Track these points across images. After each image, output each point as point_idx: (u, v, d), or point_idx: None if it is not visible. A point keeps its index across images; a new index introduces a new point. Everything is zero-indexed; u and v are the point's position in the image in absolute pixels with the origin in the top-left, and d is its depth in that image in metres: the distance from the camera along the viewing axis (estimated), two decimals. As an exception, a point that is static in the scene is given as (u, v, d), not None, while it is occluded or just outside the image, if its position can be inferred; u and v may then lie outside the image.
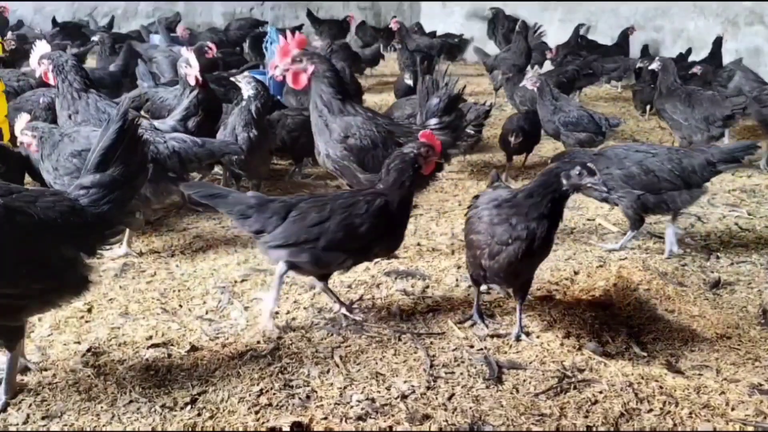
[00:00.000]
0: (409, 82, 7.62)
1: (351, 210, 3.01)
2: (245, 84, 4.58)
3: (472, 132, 5.47)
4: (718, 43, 8.76)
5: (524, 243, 2.79)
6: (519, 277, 3.02)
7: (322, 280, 3.20)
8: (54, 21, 11.94)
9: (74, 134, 3.86)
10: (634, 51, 10.80)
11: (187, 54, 4.84)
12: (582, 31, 11.23)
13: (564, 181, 2.79)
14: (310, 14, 13.65)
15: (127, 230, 3.81)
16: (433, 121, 4.03)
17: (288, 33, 3.81)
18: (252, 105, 4.49)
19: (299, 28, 12.92)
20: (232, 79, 4.80)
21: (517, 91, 7.56)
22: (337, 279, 3.65)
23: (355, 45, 12.30)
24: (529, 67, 9.32)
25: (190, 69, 4.78)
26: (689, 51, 9.51)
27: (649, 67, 6.54)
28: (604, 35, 11.28)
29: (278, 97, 6.44)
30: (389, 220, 3.07)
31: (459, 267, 3.83)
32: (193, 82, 4.77)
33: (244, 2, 14.69)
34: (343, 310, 3.25)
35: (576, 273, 3.82)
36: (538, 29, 11.09)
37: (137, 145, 2.60)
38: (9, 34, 9.06)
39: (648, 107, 8.55)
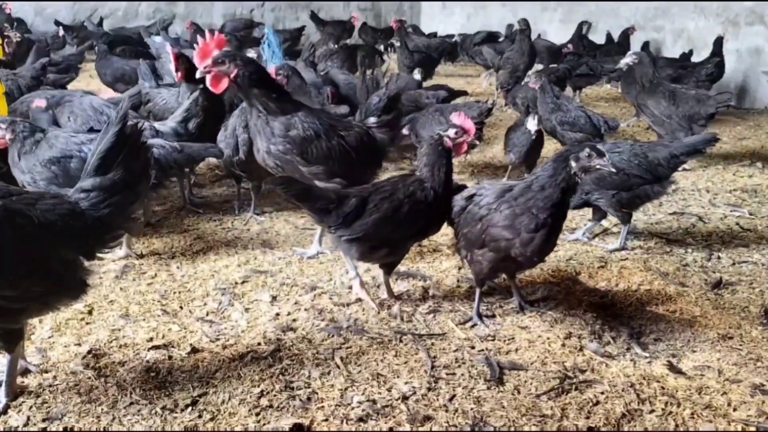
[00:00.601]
0: (419, 77, 7.73)
1: (414, 198, 3.21)
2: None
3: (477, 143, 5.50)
4: (718, 43, 8.73)
5: (550, 227, 2.94)
6: (548, 254, 3.18)
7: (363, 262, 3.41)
8: (56, 22, 11.95)
9: (53, 140, 3.74)
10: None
11: (169, 50, 4.87)
12: (584, 30, 11.21)
13: (573, 164, 2.91)
14: (314, 16, 13.66)
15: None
16: (372, 120, 4.00)
17: (207, 33, 3.65)
18: None
19: (301, 29, 12.96)
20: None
21: (518, 92, 7.55)
22: (338, 281, 3.65)
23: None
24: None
25: (171, 66, 4.81)
26: (691, 52, 9.50)
27: (623, 62, 6.46)
28: (605, 35, 11.27)
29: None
30: (442, 203, 3.28)
31: (460, 268, 3.83)
32: (177, 79, 4.78)
33: (245, 3, 14.70)
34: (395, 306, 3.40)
35: (577, 274, 3.81)
36: (515, 33, 11.24)
37: (140, 151, 2.59)
38: (11, 29, 9.02)
39: None
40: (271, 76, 3.85)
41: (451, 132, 3.23)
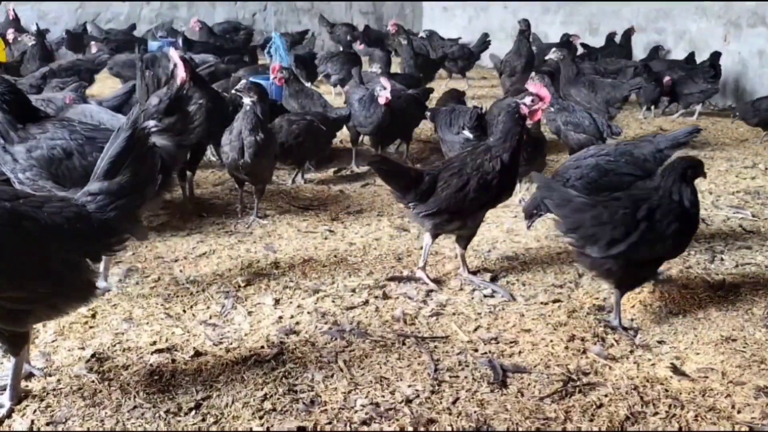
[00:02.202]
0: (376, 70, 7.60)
1: (482, 169, 3.46)
2: (244, 90, 4.57)
3: (471, 136, 5.51)
4: (716, 56, 8.63)
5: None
6: None
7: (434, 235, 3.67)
8: (95, 27, 12.09)
9: None
10: (637, 52, 10.78)
11: (172, 54, 4.69)
12: (570, 38, 11.14)
13: (690, 174, 3.19)
14: (322, 18, 13.76)
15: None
16: (152, 123, 3.52)
17: None
18: (257, 108, 4.47)
19: (304, 33, 13.01)
20: (232, 91, 4.73)
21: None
22: (340, 283, 3.65)
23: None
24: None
25: (177, 69, 4.61)
26: (692, 54, 9.48)
27: (551, 57, 7.32)
28: (606, 37, 11.26)
29: (279, 101, 6.45)
30: (510, 171, 3.51)
31: (472, 271, 3.83)
32: (178, 81, 4.65)
33: (247, 7, 14.74)
34: (465, 273, 3.72)
35: (580, 276, 3.81)
36: (487, 40, 11.27)
37: (146, 155, 2.61)
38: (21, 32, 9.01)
39: (653, 106, 8.57)
40: (28, 101, 3.45)
41: (527, 100, 3.52)
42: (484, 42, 11.43)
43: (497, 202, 3.67)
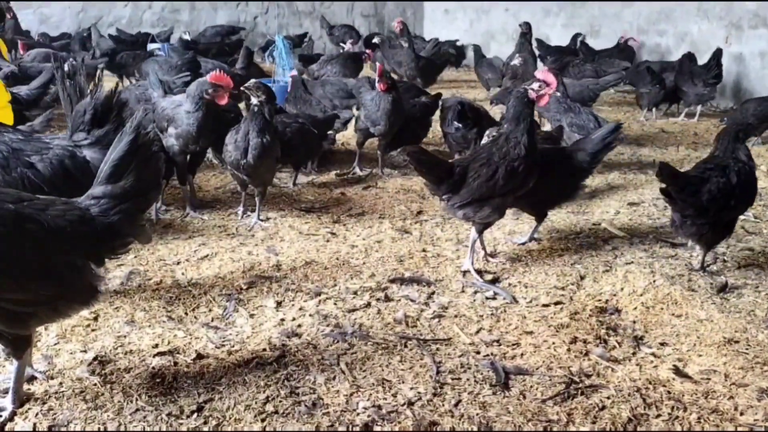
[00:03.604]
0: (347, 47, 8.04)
1: (509, 157, 3.62)
2: (253, 89, 4.58)
3: (460, 125, 5.54)
4: (718, 54, 8.60)
5: None
6: None
7: (484, 229, 3.86)
8: (117, 30, 12.16)
9: None
10: (640, 55, 10.78)
11: (213, 79, 4.59)
12: (579, 39, 11.18)
13: (742, 137, 3.85)
14: (323, 20, 13.83)
15: None
16: (81, 136, 3.36)
17: None
18: (265, 109, 4.48)
19: (303, 35, 13.06)
20: (242, 88, 4.73)
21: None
22: (342, 286, 3.65)
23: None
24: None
25: (222, 90, 4.48)
26: (692, 55, 9.47)
27: (511, 63, 7.53)
28: (608, 40, 11.27)
29: (280, 104, 6.47)
30: (533, 155, 3.68)
31: (465, 272, 3.83)
32: (225, 101, 4.58)
33: (249, 10, 14.78)
34: (468, 264, 3.80)
35: (582, 278, 3.81)
36: (462, 46, 11.29)
37: (150, 159, 2.61)
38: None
39: (655, 109, 8.57)
40: None
41: (535, 85, 3.70)
42: (445, 53, 11.48)
43: (523, 188, 3.80)
